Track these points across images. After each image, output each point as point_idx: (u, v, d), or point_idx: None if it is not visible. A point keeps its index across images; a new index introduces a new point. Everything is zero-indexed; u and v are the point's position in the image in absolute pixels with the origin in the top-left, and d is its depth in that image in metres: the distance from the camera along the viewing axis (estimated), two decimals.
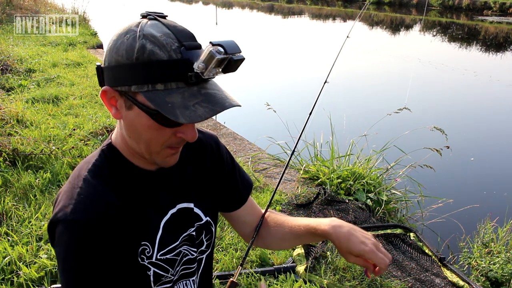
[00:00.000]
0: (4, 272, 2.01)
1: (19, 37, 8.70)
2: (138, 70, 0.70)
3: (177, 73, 0.70)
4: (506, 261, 2.48)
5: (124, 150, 0.84)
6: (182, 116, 0.69)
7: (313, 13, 28.07)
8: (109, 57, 0.75)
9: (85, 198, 0.76)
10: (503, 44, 15.76)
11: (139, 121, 0.75)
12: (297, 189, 3.13)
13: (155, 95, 0.70)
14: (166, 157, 0.82)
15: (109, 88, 0.75)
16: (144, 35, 0.71)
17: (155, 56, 0.69)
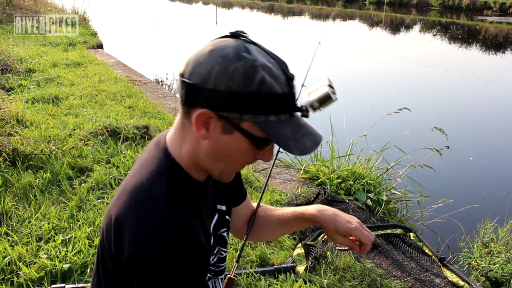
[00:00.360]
0: (4, 272, 2.01)
1: (19, 37, 8.70)
2: (256, 101, 0.72)
3: (287, 106, 0.75)
4: (506, 261, 2.48)
5: (187, 166, 0.83)
6: (295, 149, 0.75)
7: (313, 13, 28.06)
8: (216, 80, 0.71)
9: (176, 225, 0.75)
10: (503, 44, 15.76)
11: (235, 145, 0.76)
12: (297, 189, 3.13)
13: (269, 126, 0.73)
14: (232, 174, 0.86)
15: (209, 111, 0.73)
16: (261, 66, 0.72)
17: (273, 90, 0.72)
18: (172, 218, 0.75)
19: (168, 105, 5.10)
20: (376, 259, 2.40)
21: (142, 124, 3.88)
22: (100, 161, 3.22)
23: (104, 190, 2.83)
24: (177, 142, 0.83)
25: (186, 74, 0.75)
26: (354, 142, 3.62)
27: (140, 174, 0.81)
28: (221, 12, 29.94)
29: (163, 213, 0.74)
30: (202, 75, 0.73)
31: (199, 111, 0.74)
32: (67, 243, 2.23)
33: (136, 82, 6.12)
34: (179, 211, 0.76)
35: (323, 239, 2.45)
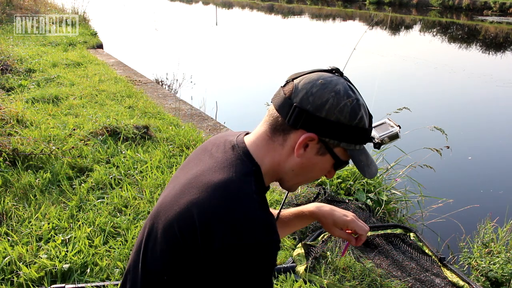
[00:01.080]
0: (4, 272, 2.01)
1: (19, 37, 8.70)
2: (353, 133, 0.87)
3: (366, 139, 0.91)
4: (506, 261, 2.48)
5: (266, 173, 0.92)
6: (367, 173, 0.92)
7: (313, 13, 28.06)
8: (328, 112, 0.85)
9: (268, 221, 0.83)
10: (503, 44, 15.76)
11: (322, 165, 0.91)
12: (297, 189, 3.13)
13: (354, 153, 0.90)
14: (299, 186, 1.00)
15: (315, 135, 0.86)
16: (362, 105, 0.88)
17: (365, 125, 0.89)
18: (266, 215, 0.83)
19: (168, 105, 5.09)
20: (376, 259, 2.40)
21: (142, 124, 3.88)
22: (100, 161, 3.22)
23: (104, 190, 2.83)
24: (262, 151, 0.91)
25: (295, 98, 0.87)
26: None
27: (226, 172, 0.86)
28: (221, 12, 29.94)
29: (258, 210, 0.82)
30: (315, 105, 0.85)
31: (307, 134, 0.86)
32: (67, 243, 2.23)
33: (136, 82, 6.12)
34: (266, 210, 0.86)
35: (323, 239, 2.45)
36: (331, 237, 2.44)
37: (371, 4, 30.23)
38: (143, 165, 3.17)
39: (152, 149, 3.50)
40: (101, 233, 2.35)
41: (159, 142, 3.66)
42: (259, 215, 0.81)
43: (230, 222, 0.79)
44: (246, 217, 0.80)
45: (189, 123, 4.36)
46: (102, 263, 2.11)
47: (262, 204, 0.85)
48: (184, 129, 3.98)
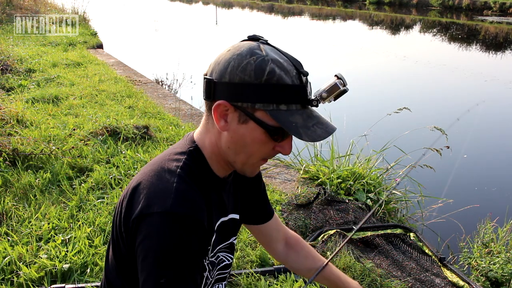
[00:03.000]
0: (4, 272, 2.01)
1: (19, 37, 8.70)
2: (266, 90, 0.79)
3: (297, 97, 0.81)
4: (506, 261, 2.48)
5: (209, 156, 0.91)
6: (305, 135, 0.80)
7: (313, 13, 28.06)
8: (230, 74, 0.80)
9: (183, 193, 0.81)
10: (503, 44, 15.76)
11: (251, 134, 0.83)
12: (297, 189, 3.13)
13: (279, 114, 0.80)
14: (255, 167, 0.91)
15: (226, 102, 0.81)
16: (271, 60, 0.79)
17: (283, 80, 0.79)
18: (181, 188, 0.82)
19: (168, 105, 5.10)
20: (376, 259, 2.40)
21: (142, 124, 3.88)
22: (100, 161, 3.22)
23: (104, 190, 2.83)
24: (202, 135, 0.91)
25: (208, 74, 0.84)
26: (354, 142, 3.62)
27: (165, 153, 0.91)
28: (221, 12, 29.95)
29: (174, 182, 0.82)
30: (220, 71, 0.82)
31: (217, 102, 0.82)
32: (67, 243, 2.23)
33: (136, 82, 6.12)
34: (189, 184, 0.84)
35: (323, 239, 2.45)
36: (331, 237, 2.45)
37: (371, 4, 30.23)
38: (143, 165, 3.16)
39: (152, 149, 3.50)
40: (101, 233, 2.35)
41: (159, 142, 3.66)
42: (176, 188, 0.81)
43: (147, 193, 0.82)
44: (161, 189, 0.81)
45: (189, 123, 4.36)
46: (102, 263, 2.10)
47: (185, 179, 0.83)
48: (184, 129, 3.98)
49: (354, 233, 2.59)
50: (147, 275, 0.78)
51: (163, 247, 0.77)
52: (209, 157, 0.90)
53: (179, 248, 0.78)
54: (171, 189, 0.81)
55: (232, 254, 1.07)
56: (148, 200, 0.81)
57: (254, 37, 0.85)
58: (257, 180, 1.14)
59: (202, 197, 0.85)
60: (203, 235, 0.83)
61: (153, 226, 0.78)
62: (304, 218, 2.67)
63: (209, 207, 0.89)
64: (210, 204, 0.89)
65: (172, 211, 0.78)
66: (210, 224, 0.91)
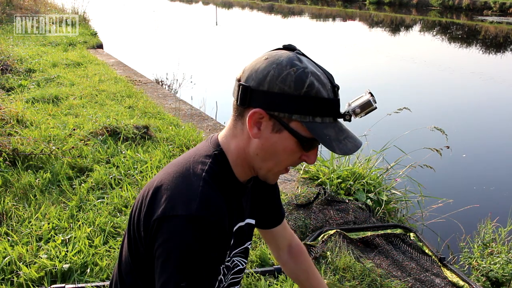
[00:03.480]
0: (4, 272, 2.01)
1: (19, 37, 8.70)
2: (305, 102, 0.80)
3: (331, 110, 0.83)
4: (507, 261, 2.48)
5: (233, 161, 0.90)
6: (337, 148, 0.82)
7: (313, 13, 28.06)
8: (269, 83, 0.80)
9: (208, 197, 0.81)
10: (503, 44, 15.76)
11: (283, 143, 0.84)
12: (297, 189, 3.13)
13: (315, 126, 0.81)
14: (277, 176, 0.92)
15: (261, 110, 0.82)
16: (311, 73, 0.81)
17: (320, 94, 0.80)
18: (206, 192, 0.81)
19: (168, 105, 5.10)
20: (376, 259, 2.39)
21: (142, 124, 3.88)
22: (100, 161, 3.22)
23: (104, 190, 2.83)
24: (228, 138, 0.91)
25: (242, 79, 0.84)
26: None
27: (189, 155, 0.91)
28: (221, 12, 29.95)
29: (199, 186, 0.82)
30: (258, 79, 0.81)
31: (253, 110, 0.82)
32: (67, 243, 2.23)
33: (136, 82, 6.12)
34: (214, 189, 0.84)
35: (323, 239, 2.45)
36: (331, 237, 2.44)
37: (371, 4, 30.23)
38: (143, 165, 3.17)
39: (152, 149, 3.50)
40: (101, 233, 2.35)
41: (159, 142, 3.66)
42: (201, 191, 0.81)
43: (171, 195, 0.82)
44: (185, 191, 0.81)
45: (189, 123, 4.36)
46: (102, 263, 2.10)
47: (211, 184, 0.83)
48: (184, 129, 3.98)
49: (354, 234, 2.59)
50: (168, 277, 0.78)
51: (186, 251, 0.77)
52: (233, 161, 0.90)
53: (202, 253, 0.78)
54: (196, 193, 0.80)
55: (246, 258, 1.07)
56: (172, 202, 0.81)
57: (289, 47, 0.86)
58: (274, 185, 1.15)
59: (225, 202, 0.85)
60: (224, 240, 0.83)
61: (176, 228, 0.78)
62: (304, 218, 2.67)
63: (231, 212, 0.89)
64: (231, 209, 0.90)
65: (198, 214, 0.78)
66: (230, 229, 0.91)
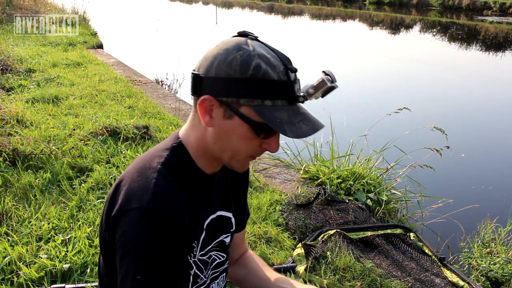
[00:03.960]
0: (4, 272, 2.01)
1: (19, 37, 8.70)
2: (251, 85, 0.78)
3: (284, 93, 0.79)
4: (507, 261, 2.48)
5: (194, 152, 0.90)
6: (289, 132, 0.78)
7: (313, 13, 28.06)
8: (216, 69, 0.80)
9: (162, 189, 0.80)
10: (503, 44, 15.76)
11: (236, 130, 0.82)
12: (297, 189, 3.13)
13: (264, 110, 0.78)
14: (242, 164, 0.89)
15: (211, 97, 0.81)
16: (258, 55, 0.78)
17: (269, 76, 0.78)
18: (159, 184, 0.80)
19: (168, 105, 5.09)
20: (376, 259, 2.40)
21: (142, 124, 3.88)
22: (100, 161, 3.22)
23: (104, 190, 2.83)
24: (188, 130, 0.91)
25: (196, 69, 0.84)
26: (354, 142, 3.62)
27: (150, 150, 0.92)
28: (221, 12, 29.95)
29: (153, 178, 0.81)
30: (206, 66, 0.81)
31: (202, 97, 0.81)
32: (67, 243, 2.23)
33: (136, 82, 6.12)
34: (169, 181, 0.83)
35: (323, 239, 2.45)
36: (331, 237, 2.45)
37: (371, 4, 30.22)
38: None
39: None
40: None
41: (159, 142, 3.65)
42: (154, 183, 0.80)
43: (127, 189, 0.82)
44: (140, 185, 0.81)
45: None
46: None
47: (165, 176, 0.82)
48: None
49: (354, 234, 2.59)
50: (125, 271, 0.77)
51: (140, 243, 0.77)
52: (195, 153, 0.90)
53: (156, 244, 0.77)
54: (150, 185, 0.80)
55: (224, 252, 1.04)
56: (127, 196, 0.81)
57: (243, 33, 0.84)
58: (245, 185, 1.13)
59: (183, 193, 0.83)
60: (182, 232, 0.81)
61: (130, 222, 0.78)
62: (304, 218, 2.67)
63: (193, 204, 0.88)
64: (194, 201, 0.88)
65: (150, 206, 0.77)
66: (196, 221, 0.89)
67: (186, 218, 0.82)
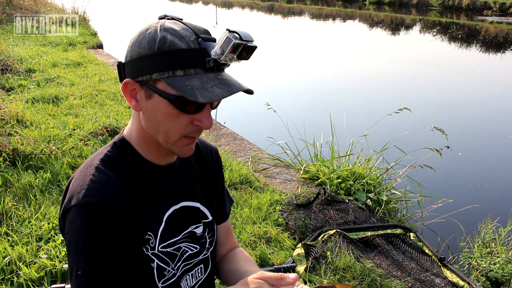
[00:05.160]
0: (4, 272, 2.01)
1: (19, 37, 8.70)
2: (159, 58, 0.77)
3: (196, 60, 0.77)
4: (507, 261, 2.48)
5: (137, 144, 0.89)
6: (201, 96, 0.74)
7: (313, 13, 28.06)
8: (131, 52, 0.81)
9: (97, 184, 0.80)
10: (503, 44, 15.76)
11: (159, 109, 0.80)
12: (297, 189, 3.13)
13: (175, 80, 0.76)
14: (183, 146, 0.86)
15: (130, 80, 0.81)
16: (165, 29, 0.78)
17: (176, 46, 0.76)
18: (95, 179, 0.81)
19: None
20: (376, 259, 2.40)
21: None
22: None
23: None
24: (130, 125, 0.91)
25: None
26: (354, 142, 3.62)
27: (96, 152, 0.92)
28: (221, 12, 29.95)
29: (90, 174, 0.82)
30: (125, 53, 0.83)
31: (123, 82, 0.82)
32: None
33: None
34: (106, 174, 0.82)
35: (323, 239, 2.45)
36: (331, 237, 2.45)
37: (371, 4, 30.22)
38: None
39: None
40: None
41: None
42: (90, 179, 0.81)
43: (69, 190, 0.83)
44: (78, 184, 0.81)
45: None
46: None
47: (103, 171, 0.82)
48: None
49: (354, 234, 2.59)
50: (71, 268, 0.78)
51: (78, 239, 0.77)
52: (138, 144, 0.89)
53: (92, 238, 0.77)
54: (86, 182, 0.80)
55: (196, 243, 1.00)
56: (68, 196, 0.82)
57: (163, 16, 0.84)
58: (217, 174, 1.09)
59: (122, 186, 0.82)
60: (121, 224, 0.79)
61: (69, 219, 0.79)
62: (304, 218, 2.67)
63: (141, 195, 0.86)
64: (142, 193, 0.86)
65: (85, 201, 0.78)
66: (147, 213, 0.87)
67: (126, 210, 0.81)
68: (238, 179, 3.14)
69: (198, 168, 1.04)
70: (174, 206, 0.95)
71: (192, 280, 1.01)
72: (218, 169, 1.10)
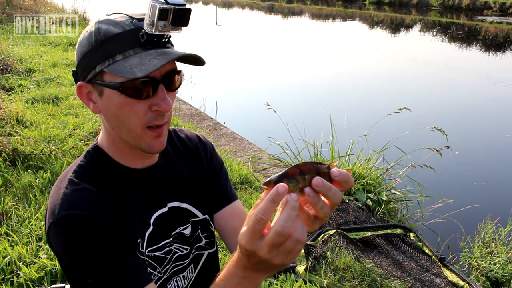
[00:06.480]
0: (4, 272, 2.01)
1: (19, 37, 8.69)
2: (97, 49, 0.77)
3: (133, 41, 0.76)
4: (507, 261, 2.48)
5: (111, 150, 0.87)
6: (139, 71, 0.73)
7: (313, 13, 28.07)
8: (77, 55, 0.82)
9: (70, 196, 0.79)
10: (503, 44, 15.76)
11: (112, 102, 0.78)
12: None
13: (116, 65, 0.75)
14: (150, 140, 0.82)
15: (82, 82, 0.81)
16: (100, 21, 0.79)
17: (110, 32, 0.76)
18: (68, 192, 0.79)
19: None
20: (376, 259, 2.39)
21: None
22: None
23: None
24: (101, 133, 0.90)
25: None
26: (354, 142, 3.62)
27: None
28: (221, 12, 29.95)
29: (63, 187, 0.81)
30: (76, 59, 0.83)
31: (76, 88, 0.82)
32: None
33: None
34: (79, 185, 0.81)
35: (323, 239, 2.45)
36: (331, 237, 2.44)
37: (371, 4, 30.22)
38: None
39: None
40: None
41: None
42: (63, 193, 0.79)
43: (47, 208, 0.82)
44: (53, 200, 0.80)
45: (189, 123, 4.36)
46: None
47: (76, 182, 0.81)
48: None
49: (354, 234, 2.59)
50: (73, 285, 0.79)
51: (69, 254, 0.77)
52: (110, 150, 0.87)
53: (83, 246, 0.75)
54: (59, 197, 0.79)
55: (186, 244, 0.98)
56: (48, 214, 0.81)
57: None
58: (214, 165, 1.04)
59: (98, 193, 0.80)
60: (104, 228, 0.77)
61: (54, 239, 0.78)
62: None
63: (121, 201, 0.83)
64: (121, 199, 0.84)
65: (60, 216, 0.77)
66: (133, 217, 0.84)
67: (105, 215, 0.78)
68: (238, 179, 3.14)
69: (189, 166, 0.99)
70: (162, 208, 0.92)
71: (184, 281, 0.99)
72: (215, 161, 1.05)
